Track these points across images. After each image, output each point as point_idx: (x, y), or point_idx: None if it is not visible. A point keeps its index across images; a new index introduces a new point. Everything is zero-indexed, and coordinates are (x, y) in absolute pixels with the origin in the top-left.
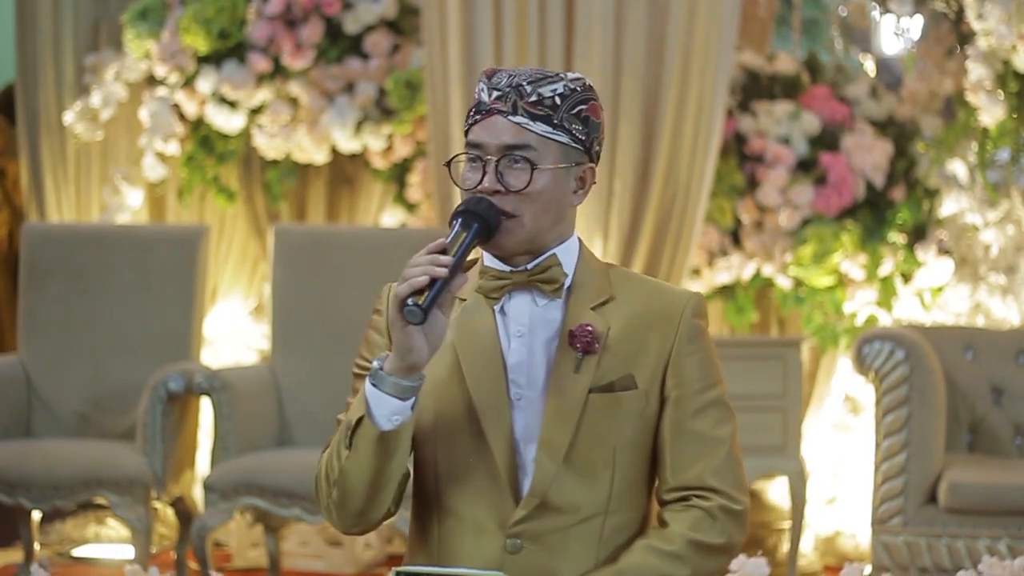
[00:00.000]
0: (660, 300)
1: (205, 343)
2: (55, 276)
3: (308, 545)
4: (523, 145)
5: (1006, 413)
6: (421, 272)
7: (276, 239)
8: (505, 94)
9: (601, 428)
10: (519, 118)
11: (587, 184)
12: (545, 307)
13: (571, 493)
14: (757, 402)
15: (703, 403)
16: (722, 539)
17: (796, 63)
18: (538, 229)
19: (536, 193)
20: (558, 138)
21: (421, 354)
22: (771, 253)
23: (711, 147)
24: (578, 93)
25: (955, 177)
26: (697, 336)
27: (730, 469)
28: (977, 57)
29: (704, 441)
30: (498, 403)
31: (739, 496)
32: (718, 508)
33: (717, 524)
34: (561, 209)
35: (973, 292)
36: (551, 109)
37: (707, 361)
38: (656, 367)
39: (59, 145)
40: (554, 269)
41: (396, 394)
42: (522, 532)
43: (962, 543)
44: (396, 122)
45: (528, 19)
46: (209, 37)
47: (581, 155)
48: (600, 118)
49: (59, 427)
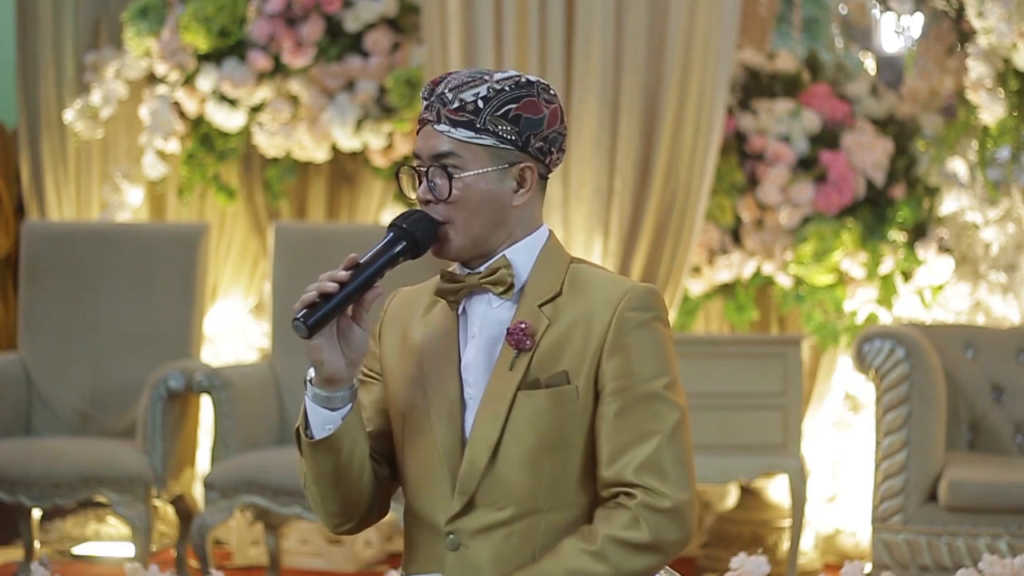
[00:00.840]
0: (603, 293)
1: (205, 341)
2: (55, 274)
3: (308, 543)
4: (447, 153)
5: (1006, 411)
6: (314, 288)
7: (276, 237)
8: (431, 103)
9: (528, 425)
10: (443, 126)
11: (529, 183)
12: (498, 308)
13: (500, 491)
14: (757, 400)
15: (634, 398)
16: (646, 537)
17: (797, 61)
18: (473, 234)
19: (463, 200)
20: (482, 141)
21: (335, 367)
22: (771, 251)
23: (711, 145)
24: (506, 93)
25: (955, 175)
26: (630, 330)
27: (658, 464)
28: (977, 55)
29: (632, 436)
30: (451, 404)
31: (667, 491)
32: (640, 505)
33: (641, 522)
34: (499, 211)
35: (973, 290)
36: (472, 114)
37: (643, 354)
38: (590, 363)
39: (59, 143)
40: (502, 272)
41: (323, 405)
42: (457, 529)
43: (962, 541)
44: (396, 120)
45: (528, 17)
46: (209, 35)
47: (515, 154)
48: (541, 112)
49: (59, 425)
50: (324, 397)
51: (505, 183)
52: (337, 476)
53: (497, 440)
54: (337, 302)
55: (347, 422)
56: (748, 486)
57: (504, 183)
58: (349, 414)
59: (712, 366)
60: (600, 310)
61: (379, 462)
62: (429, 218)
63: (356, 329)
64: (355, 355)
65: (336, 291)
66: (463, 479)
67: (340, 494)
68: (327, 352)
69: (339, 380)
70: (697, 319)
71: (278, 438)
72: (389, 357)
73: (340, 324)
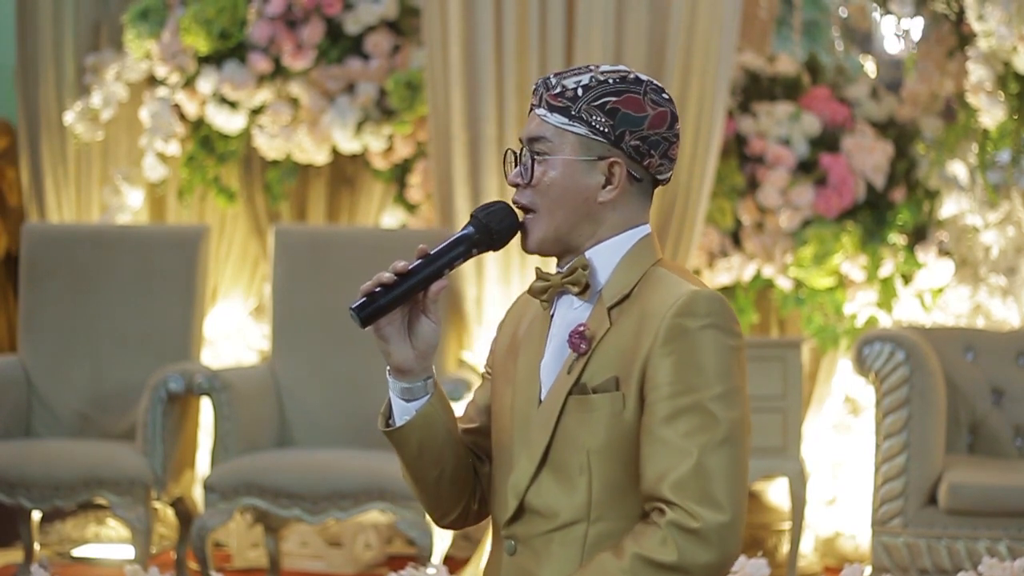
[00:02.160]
0: (659, 298)
1: (205, 343)
2: (55, 276)
3: (308, 545)
4: (539, 137)
5: (1006, 414)
6: (374, 278)
7: (276, 239)
8: (537, 88)
9: (575, 431)
10: (542, 110)
11: (617, 180)
12: (578, 309)
13: (549, 497)
14: (757, 403)
15: (673, 409)
16: (671, 557)
17: (797, 64)
18: (556, 224)
19: (546, 185)
20: (575, 129)
21: (403, 357)
22: (771, 254)
23: (712, 148)
24: (608, 85)
25: (955, 178)
26: (677, 336)
27: (694, 481)
28: (978, 58)
29: (669, 449)
30: (528, 406)
31: (700, 511)
32: (670, 524)
33: (668, 542)
34: (584, 205)
35: (973, 293)
36: (571, 100)
37: (686, 363)
38: (637, 369)
39: (59, 145)
40: (579, 272)
41: (401, 396)
42: (512, 534)
43: (962, 544)
44: (397, 122)
45: (529, 20)
46: (210, 37)
47: (605, 148)
48: (643, 111)
49: (59, 427)
50: (402, 388)
51: (592, 176)
52: (418, 467)
53: (547, 445)
54: (397, 294)
55: (423, 414)
56: (748, 488)
57: (591, 176)
58: (425, 406)
59: None
60: (653, 315)
61: (481, 459)
62: (508, 208)
63: (424, 321)
64: (424, 347)
65: (393, 282)
66: (514, 483)
67: (425, 485)
68: (394, 343)
69: (408, 371)
70: None
71: (278, 440)
72: (498, 355)
73: (411, 315)
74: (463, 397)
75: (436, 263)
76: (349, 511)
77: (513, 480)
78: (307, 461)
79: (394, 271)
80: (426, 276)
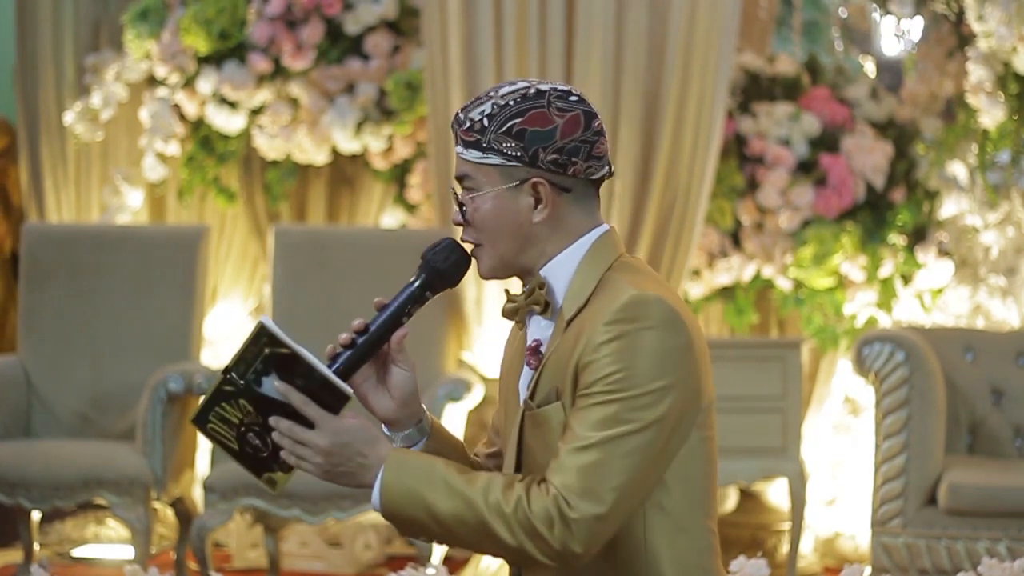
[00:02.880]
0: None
1: (205, 343)
2: (55, 277)
3: (307, 546)
4: (463, 176)
5: (1006, 415)
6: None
7: (276, 239)
8: (452, 126)
9: (533, 447)
10: (459, 148)
11: (546, 198)
12: (545, 327)
13: None
14: (757, 403)
15: (588, 403)
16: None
17: (796, 64)
18: (500, 254)
19: (480, 220)
20: (490, 161)
21: (385, 409)
22: (771, 254)
23: (711, 148)
24: (510, 108)
25: (955, 179)
26: (606, 341)
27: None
28: (977, 59)
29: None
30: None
31: (579, 503)
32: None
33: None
34: (520, 230)
35: (973, 294)
36: (479, 133)
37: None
38: (571, 375)
39: (59, 145)
40: (536, 293)
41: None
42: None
43: (962, 545)
44: (396, 123)
45: (528, 21)
46: (210, 38)
47: (524, 171)
48: (550, 124)
49: (59, 427)
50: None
51: (521, 200)
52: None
53: (515, 463)
54: (360, 352)
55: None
56: (748, 489)
57: (520, 200)
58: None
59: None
60: (590, 323)
61: None
62: (453, 244)
63: (394, 370)
64: (401, 395)
65: (352, 341)
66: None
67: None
68: (373, 399)
69: (395, 421)
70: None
71: None
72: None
73: (383, 368)
74: (463, 397)
75: (391, 312)
76: (349, 511)
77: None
78: None
79: (353, 330)
80: (386, 327)
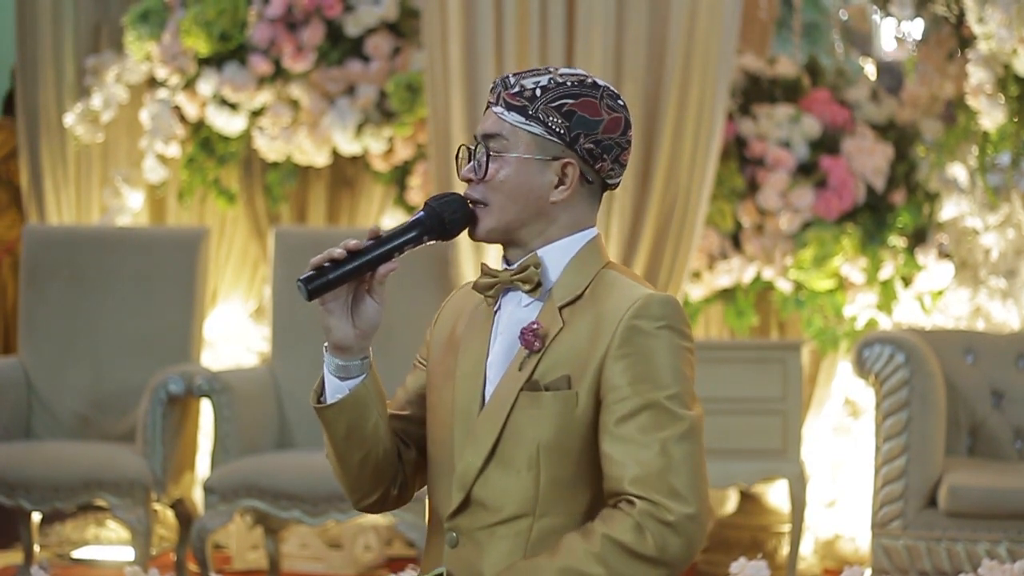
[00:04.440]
0: (614, 301)
1: (205, 345)
2: (55, 278)
3: (308, 547)
4: (495, 134)
5: (1006, 417)
6: (325, 253)
7: (276, 241)
8: (495, 87)
9: (525, 426)
10: (498, 108)
11: (570, 181)
12: (527, 307)
13: (495, 490)
14: (757, 405)
15: (631, 408)
16: (649, 548)
17: (797, 66)
18: (507, 220)
19: (499, 182)
20: (530, 129)
21: (343, 334)
22: (771, 256)
23: (712, 150)
24: (565, 88)
25: (955, 181)
26: (634, 338)
27: (658, 475)
28: (978, 61)
29: (630, 446)
30: (470, 401)
31: (671, 504)
32: (645, 515)
33: (645, 533)
34: (535, 203)
35: (973, 296)
36: (528, 100)
37: (643, 363)
38: (592, 370)
39: (59, 147)
40: (530, 270)
41: (336, 374)
42: (456, 526)
43: (962, 547)
44: (397, 124)
45: (529, 22)
46: (210, 39)
47: (560, 149)
48: (598, 116)
49: (59, 429)
50: (337, 365)
51: (545, 175)
52: (345, 447)
53: (495, 440)
54: (346, 271)
55: (355, 394)
56: (748, 491)
57: (544, 175)
58: (359, 386)
59: (712, 371)
60: (609, 317)
61: (408, 445)
62: (461, 200)
63: (369, 301)
64: (365, 326)
65: (344, 258)
66: (460, 476)
67: (348, 467)
68: (336, 319)
69: (347, 348)
70: (697, 324)
71: (278, 442)
72: (435, 348)
73: (356, 294)
74: None
75: (387, 245)
76: (349, 513)
77: (459, 473)
78: (307, 463)
79: (345, 248)
80: (376, 256)
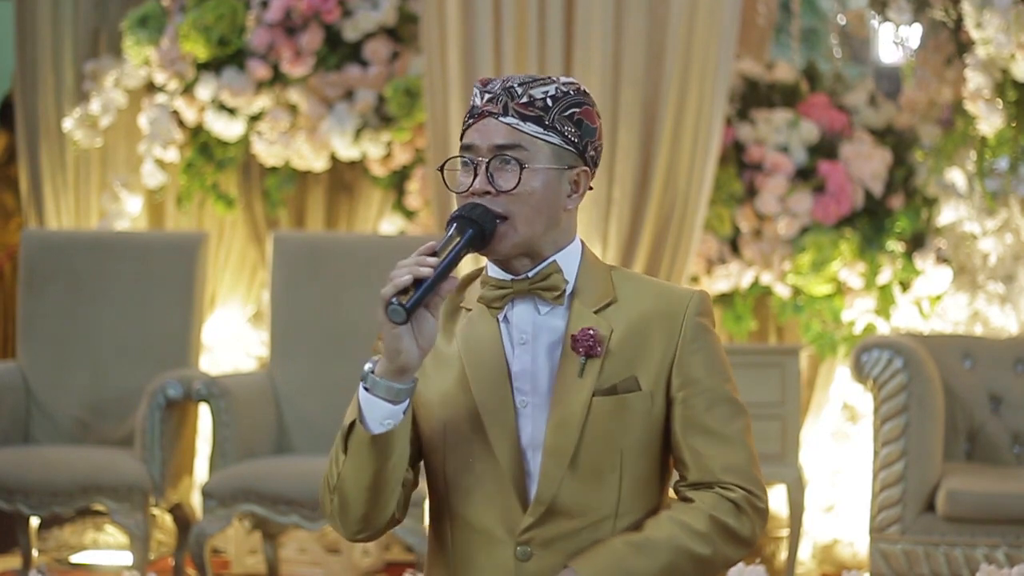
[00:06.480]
0: (663, 300)
1: (204, 350)
2: (54, 283)
3: (306, 552)
4: (513, 145)
5: (1004, 421)
6: (406, 272)
7: (275, 246)
8: (496, 96)
9: (606, 431)
10: (510, 119)
11: (581, 188)
12: (548, 314)
13: (578, 497)
14: (755, 410)
15: (712, 399)
16: (746, 531)
17: (795, 71)
18: (532, 232)
19: (527, 194)
20: (549, 139)
21: (410, 356)
22: (770, 261)
23: (710, 155)
24: (571, 96)
25: (954, 186)
26: (701, 334)
27: (747, 466)
28: (976, 66)
29: (718, 437)
30: (503, 411)
31: (760, 493)
32: (744, 500)
33: (744, 515)
34: (554, 212)
35: (971, 301)
36: (542, 110)
37: (713, 358)
38: (661, 368)
39: (58, 152)
40: (554, 276)
41: (388, 397)
42: (531, 539)
43: (960, 551)
44: (395, 129)
45: (527, 27)
46: (208, 44)
47: (574, 158)
48: (595, 123)
49: (58, 433)
50: (392, 389)
51: (562, 185)
52: (386, 476)
53: (575, 448)
54: (428, 287)
55: (406, 418)
56: None
57: (561, 185)
58: (408, 408)
59: None
60: (665, 317)
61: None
62: (491, 212)
63: (430, 318)
64: (427, 344)
65: (429, 275)
66: (541, 490)
67: (376, 497)
68: (407, 341)
69: (410, 370)
70: None
71: (276, 447)
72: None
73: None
74: None
75: (448, 259)
76: None
77: (540, 488)
78: (305, 467)
79: (425, 265)
80: (442, 272)
